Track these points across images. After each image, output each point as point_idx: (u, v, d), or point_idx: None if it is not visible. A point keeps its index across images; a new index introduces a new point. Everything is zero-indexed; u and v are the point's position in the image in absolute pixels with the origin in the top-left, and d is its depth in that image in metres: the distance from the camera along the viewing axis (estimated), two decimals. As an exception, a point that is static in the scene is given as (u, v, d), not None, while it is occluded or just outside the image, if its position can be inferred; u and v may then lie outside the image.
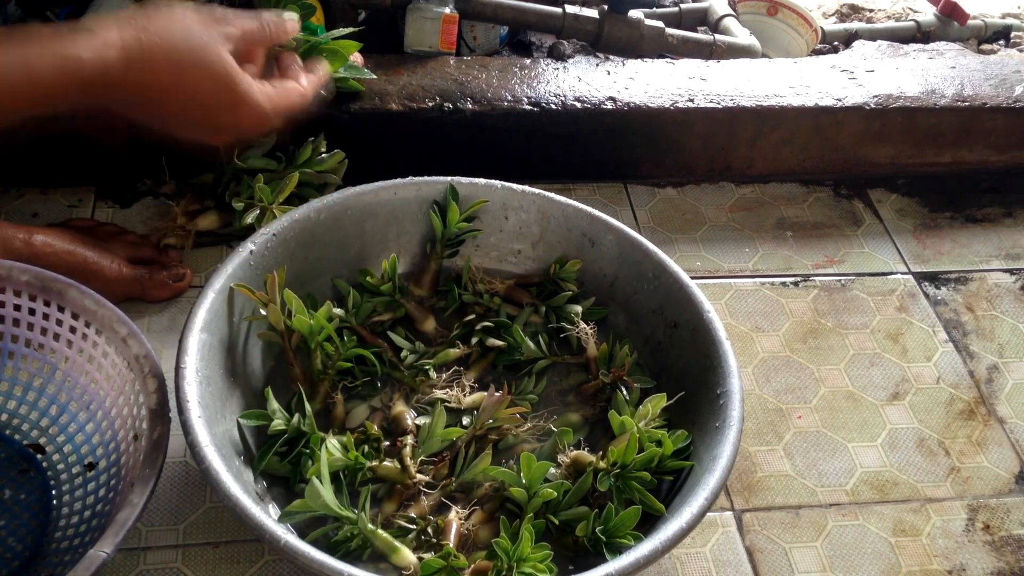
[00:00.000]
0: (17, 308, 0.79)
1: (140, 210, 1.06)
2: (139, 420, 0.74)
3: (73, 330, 0.79)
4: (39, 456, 0.80)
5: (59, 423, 0.80)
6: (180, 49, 0.73)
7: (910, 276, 1.13)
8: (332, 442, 0.78)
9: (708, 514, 0.73)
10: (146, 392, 0.74)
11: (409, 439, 0.81)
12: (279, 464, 0.78)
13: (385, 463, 0.79)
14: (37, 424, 0.81)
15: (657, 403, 0.82)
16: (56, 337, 0.79)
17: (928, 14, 1.55)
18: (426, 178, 0.93)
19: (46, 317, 0.79)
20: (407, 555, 0.73)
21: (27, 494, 0.78)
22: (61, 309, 0.78)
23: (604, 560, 0.69)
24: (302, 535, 0.70)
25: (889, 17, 1.59)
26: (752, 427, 0.94)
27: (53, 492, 0.78)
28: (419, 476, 0.78)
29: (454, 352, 0.90)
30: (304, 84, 0.83)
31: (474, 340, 0.91)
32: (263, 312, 0.83)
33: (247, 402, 0.81)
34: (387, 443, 0.81)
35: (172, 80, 0.73)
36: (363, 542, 0.73)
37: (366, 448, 0.80)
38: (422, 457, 0.80)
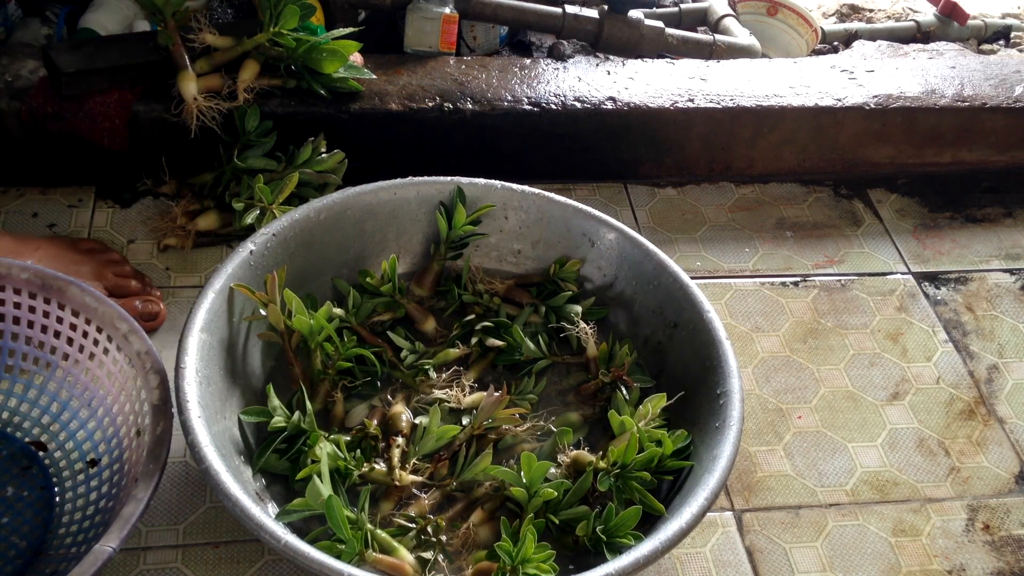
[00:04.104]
0: (17, 306, 0.80)
1: (140, 210, 1.06)
2: (141, 416, 0.74)
3: (74, 327, 0.79)
4: (41, 453, 0.80)
5: (61, 420, 0.81)
6: None
7: (910, 276, 1.13)
8: (325, 445, 0.77)
9: (708, 514, 0.73)
10: (148, 388, 0.74)
11: (400, 440, 0.81)
12: (278, 461, 0.78)
13: (376, 467, 0.79)
14: (39, 421, 0.81)
15: (657, 403, 0.83)
16: (57, 334, 0.79)
17: (928, 14, 1.55)
18: (426, 178, 0.93)
19: (46, 315, 0.79)
20: (405, 554, 0.73)
21: (30, 491, 0.78)
22: (62, 307, 0.78)
23: (604, 560, 0.69)
24: (301, 535, 0.70)
25: (889, 17, 1.59)
26: (752, 427, 0.94)
27: (56, 489, 0.78)
28: (410, 478, 0.78)
29: (454, 352, 0.90)
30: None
31: (474, 340, 0.91)
32: (263, 312, 0.83)
33: (247, 402, 0.81)
34: (383, 444, 0.81)
35: None
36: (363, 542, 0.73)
37: (360, 448, 0.80)
38: (416, 459, 0.80)
